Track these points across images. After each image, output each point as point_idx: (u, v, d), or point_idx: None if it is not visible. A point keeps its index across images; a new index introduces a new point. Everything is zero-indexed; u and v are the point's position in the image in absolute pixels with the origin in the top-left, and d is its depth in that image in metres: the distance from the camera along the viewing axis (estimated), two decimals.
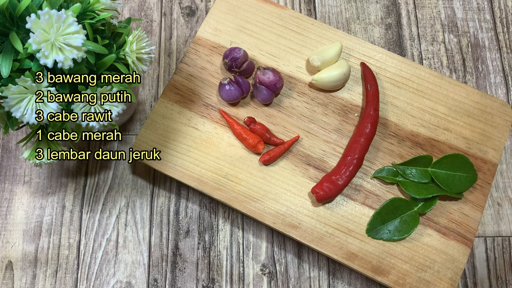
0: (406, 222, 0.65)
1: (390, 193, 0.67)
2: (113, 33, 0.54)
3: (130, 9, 0.81)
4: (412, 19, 0.83)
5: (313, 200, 0.66)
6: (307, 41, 0.72)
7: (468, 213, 0.66)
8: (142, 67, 0.54)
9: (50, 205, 0.72)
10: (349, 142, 0.68)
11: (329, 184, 0.65)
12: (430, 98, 0.70)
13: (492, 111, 0.70)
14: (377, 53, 0.72)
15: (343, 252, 0.64)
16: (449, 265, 0.64)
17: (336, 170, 0.66)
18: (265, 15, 0.73)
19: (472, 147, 0.68)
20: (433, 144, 0.68)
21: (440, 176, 0.65)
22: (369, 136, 0.67)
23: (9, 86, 0.45)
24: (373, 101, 0.68)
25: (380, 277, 0.63)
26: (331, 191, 0.64)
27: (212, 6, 0.74)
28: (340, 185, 0.65)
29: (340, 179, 0.65)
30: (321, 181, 0.65)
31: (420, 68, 0.71)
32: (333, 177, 0.65)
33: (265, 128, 0.68)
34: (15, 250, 0.70)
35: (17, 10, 0.46)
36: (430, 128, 0.69)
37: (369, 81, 0.69)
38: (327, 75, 0.68)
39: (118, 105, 0.53)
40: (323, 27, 0.73)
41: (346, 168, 0.65)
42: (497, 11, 0.84)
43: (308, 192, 0.66)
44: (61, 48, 0.45)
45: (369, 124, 0.67)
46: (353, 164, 0.66)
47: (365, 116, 0.68)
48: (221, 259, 0.70)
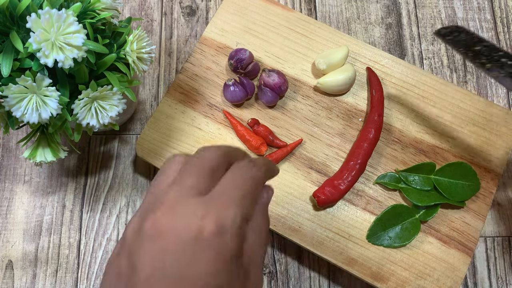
0: (407, 229, 0.64)
1: (392, 199, 0.66)
2: (114, 32, 0.54)
3: (131, 8, 0.81)
4: (412, 19, 0.83)
5: (314, 204, 0.66)
6: (313, 44, 0.72)
7: (470, 222, 0.65)
8: (143, 67, 0.54)
9: (50, 205, 0.72)
10: (352, 147, 0.67)
11: (331, 189, 0.64)
12: (435, 105, 0.70)
13: (497, 120, 0.69)
14: (383, 58, 0.72)
15: (343, 257, 0.63)
16: (449, 274, 0.63)
17: (338, 174, 0.66)
18: (272, 17, 0.73)
19: (476, 155, 0.68)
20: (437, 152, 0.68)
21: (442, 184, 0.65)
22: (373, 141, 0.66)
23: (10, 85, 0.45)
24: (377, 107, 0.68)
25: (380, 284, 0.62)
26: (332, 196, 0.64)
27: (219, 7, 0.74)
28: (342, 190, 0.64)
29: (342, 184, 0.65)
30: (323, 185, 0.65)
31: (426, 75, 0.71)
32: (335, 182, 0.65)
33: (268, 130, 0.67)
34: (15, 250, 0.70)
35: (18, 10, 0.46)
36: (434, 135, 0.68)
37: (374, 86, 0.69)
38: (332, 79, 0.68)
39: (118, 104, 0.53)
40: (330, 30, 0.72)
41: (348, 173, 0.65)
42: (497, 10, 0.84)
43: (309, 195, 0.66)
44: (61, 47, 0.45)
45: (373, 130, 0.67)
46: (355, 169, 0.65)
47: (369, 122, 0.67)
48: None
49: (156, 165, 0.67)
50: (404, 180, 0.66)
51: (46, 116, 0.48)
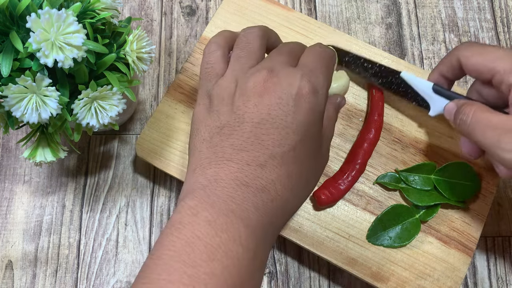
0: (407, 229, 0.64)
1: (392, 199, 0.66)
2: (113, 32, 0.54)
3: (130, 8, 0.81)
4: (412, 19, 0.83)
5: (314, 204, 0.66)
6: None
7: (470, 222, 0.65)
8: (143, 67, 0.54)
9: (50, 205, 0.72)
10: (352, 147, 0.67)
11: (331, 189, 0.64)
12: None
13: None
14: (384, 58, 0.71)
15: (343, 257, 0.63)
16: (449, 274, 0.63)
17: (338, 174, 0.66)
18: (272, 17, 0.73)
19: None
20: (437, 152, 0.68)
21: (443, 184, 0.65)
22: (373, 141, 0.66)
23: (10, 85, 0.45)
24: (377, 107, 0.68)
25: (380, 284, 0.62)
26: (333, 196, 0.64)
27: (219, 7, 0.74)
28: (342, 190, 0.64)
29: (342, 184, 0.65)
30: (323, 185, 0.65)
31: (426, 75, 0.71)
32: (335, 182, 0.65)
33: None
34: (15, 250, 0.70)
35: (18, 10, 0.46)
36: (434, 135, 0.68)
37: (374, 87, 0.69)
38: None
39: (118, 104, 0.53)
40: (330, 30, 0.72)
41: (348, 173, 0.65)
42: (497, 10, 0.84)
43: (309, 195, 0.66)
44: (61, 47, 0.45)
45: (373, 130, 0.66)
46: (355, 169, 0.65)
47: (369, 122, 0.67)
48: None
49: (156, 165, 0.67)
50: (404, 180, 0.66)
51: (46, 116, 0.48)
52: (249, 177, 0.41)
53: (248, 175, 0.41)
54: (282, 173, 0.42)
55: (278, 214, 0.42)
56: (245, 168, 0.41)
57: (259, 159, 0.41)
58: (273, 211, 0.41)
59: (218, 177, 0.41)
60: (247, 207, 0.40)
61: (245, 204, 0.40)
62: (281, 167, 0.42)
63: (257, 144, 0.41)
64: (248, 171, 0.41)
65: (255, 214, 0.40)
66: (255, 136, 0.41)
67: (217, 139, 0.43)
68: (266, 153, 0.41)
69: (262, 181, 0.41)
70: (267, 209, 0.41)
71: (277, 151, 0.41)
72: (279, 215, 0.42)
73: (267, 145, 0.41)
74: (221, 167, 0.41)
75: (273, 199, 0.41)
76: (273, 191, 0.41)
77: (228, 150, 0.42)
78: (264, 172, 0.41)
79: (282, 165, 0.42)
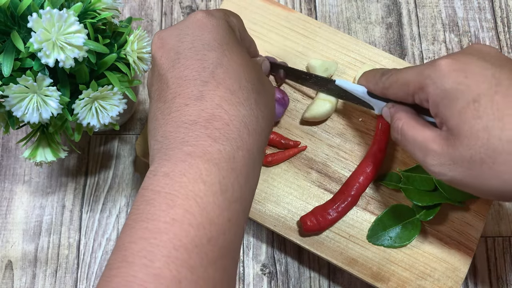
0: (407, 229, 0.64)
1: (392, 199, 0.66)
2: (114, 32, 0.54)
3: (131, 8, 0.81)
4: (413, 19, 0.83)
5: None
6: (314, 45, 0.72)
7: (470, 222, 0.65)
8: (143, 67, 0.54)
9: (50, 205, 0.72)
10: (349, 177, 0.66)
11: (319, 217, 0.63)
12: None
13: None
14: (384, 58, 0.71)
15: (343, 258, 0.63)
16: (450, 274, 0.63)
17: (329, 204, 0.64)
18: (272, 17, 0.73)
19: None
20: None
21: (443, 184, 0.64)
22: (370, 176, 0.65)
23: (11, 85, 0.45)
24: (380, 142, 0.66)
25: (380, 284, 0.62)
26: (319, 224, 0.63)
27: (220, 7, 0.74)
28: (330, 220, 0.63)
29: (332, 213, 0.64)
30: (312, 212, 0.64)
31: None
32: (324, 211, 0.64)
33: (279, 135, 0.67)
34: (15, 250, 0.70)
35: (19, 9, 0.46)
36: None
37: (382, 119, 0.67)
38: (314, 114, 0.67)
39: (119, 104, 0.53)
40: (330, 31, 0.72)
41: (339, 204, 0.64)
42: (498, 10, 0.84)
43: (309, 195, 0.66)
44: (62, 47, 0.45)
45: (372, 164, 0.65)
46: (347, 201, 0.64)
47: (369, 155, 0.66)
48: None
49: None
50: (405, 180, 0.65)
51: (46, 116, 0.48)
52: (193, 114, 0.40)
53: (192, 113, 0.41)
54: (223, 92, 0.41)
55: (243, 134, 0.41)
56: (185, 109, 0.41)
57: (193, 94, 0.41)
58: (234, 133, 0.41)
59: (166, 132, 0.41)
60: (202, 142, 0.39)
61: (200, 141, 0.39)
62: (219, 87, 0.42)
63: (184, 83, 0.42)
64: (189, 110, 0.41)
65: (214, 146, 0.39)
66: (177, 78, 0.42)
67: (157, 104, 0.44)
68: (197, 84, 0.41)
69: (208, 110, 0.40)
70: (226, 134, 0.40)
71: (205, 76, 0.42)
72: (244, 134, 0.41)
73: (193, 77, 0.42)
74: (166, 123, 0.42)
75: (228, 121, 0.41)
76: (224, 113, 0.41)
77: (165, 108, 0.42)
78: (206, 102, 0.41)
79: (218, 85, 0.42)
